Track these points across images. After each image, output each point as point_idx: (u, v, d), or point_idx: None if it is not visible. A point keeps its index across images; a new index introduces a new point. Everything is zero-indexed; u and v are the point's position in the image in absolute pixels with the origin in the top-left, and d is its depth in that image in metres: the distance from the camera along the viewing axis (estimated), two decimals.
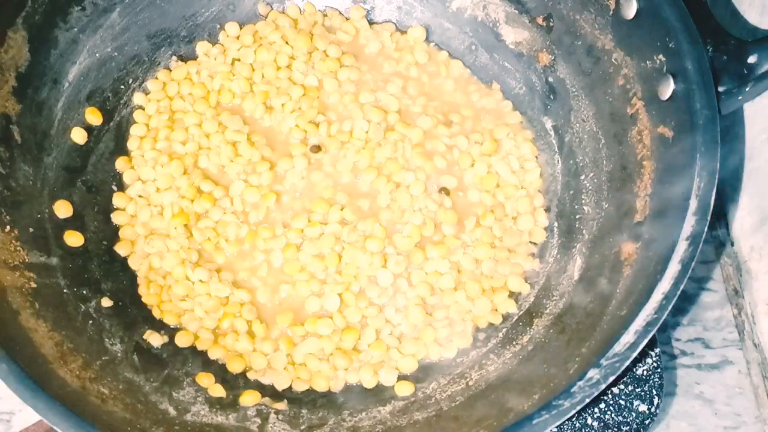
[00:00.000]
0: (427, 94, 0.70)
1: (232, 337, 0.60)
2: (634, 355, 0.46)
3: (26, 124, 0.60)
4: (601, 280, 0.56)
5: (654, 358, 0.58)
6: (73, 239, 0.61)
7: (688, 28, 0.53)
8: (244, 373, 0.59)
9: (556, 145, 0.67)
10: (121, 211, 0.64)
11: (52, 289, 0.57)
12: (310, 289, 0.62)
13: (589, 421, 0.57)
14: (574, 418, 0.57)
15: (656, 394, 0.57)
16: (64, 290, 0.58)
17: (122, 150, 0.66)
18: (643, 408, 0.57)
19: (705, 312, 0.69)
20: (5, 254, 0.55)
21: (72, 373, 0.51)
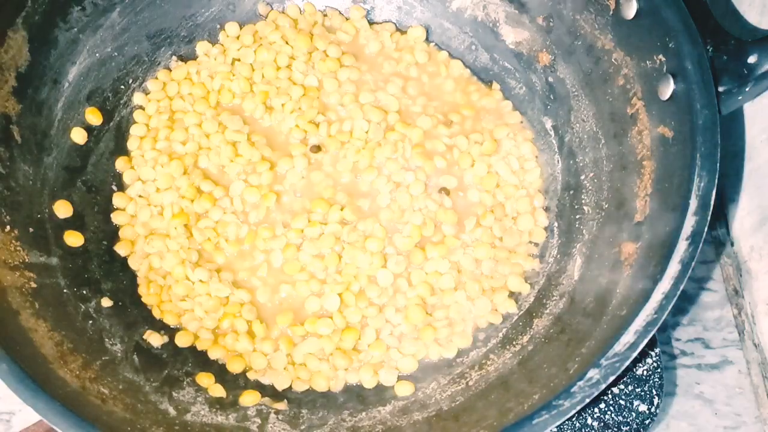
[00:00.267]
0: (427, 94, 0.70)
1: (232, 337, 0.60)
2: (634, 355, 0.46)
3: (26, 124, 0.60)
4: (601, 280, 0.56)
5: (654, 358, 0.58)
6: (73, 239, 0.61)
7: (688, 28, 0.53)
8: (244, 373, 0.59)
9: (556, 145, 0.67)
10: (121, 211, 0.64)
11: (52, 289, 0.57)
12: (310, 289, 0.62)
13: (589, 421, 0.57)
14: (574, 418, 0.57)
15: (656, 394, 0.57)
16: (64, 290, 0.58)
17: (122, 150, 0.66)
18: (643, 408, 0.57)
19: (705, 312, 0.69)
20: (5, 254, 0.55)
21: (72, 373, 0.51)
